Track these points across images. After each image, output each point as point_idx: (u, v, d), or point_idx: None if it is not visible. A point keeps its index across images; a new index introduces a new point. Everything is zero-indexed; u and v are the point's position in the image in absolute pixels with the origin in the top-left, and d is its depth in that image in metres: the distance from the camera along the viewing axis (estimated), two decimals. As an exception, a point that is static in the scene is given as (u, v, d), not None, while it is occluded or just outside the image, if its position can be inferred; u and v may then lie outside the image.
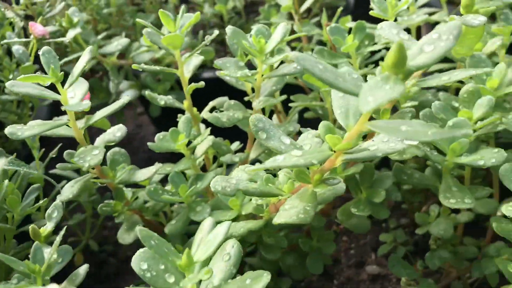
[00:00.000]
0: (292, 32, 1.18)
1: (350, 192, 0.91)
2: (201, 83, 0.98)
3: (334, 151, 0.63)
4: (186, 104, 1.00)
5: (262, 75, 0.93)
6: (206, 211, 0.86)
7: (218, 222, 0.59)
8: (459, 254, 0.97)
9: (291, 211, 0.63)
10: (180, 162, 0.96)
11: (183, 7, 0.98)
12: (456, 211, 0.97)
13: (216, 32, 0.97)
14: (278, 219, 0.62)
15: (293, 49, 1.41)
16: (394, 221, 1.22)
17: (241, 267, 0.88)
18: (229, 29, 0.92)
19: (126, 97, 0.85)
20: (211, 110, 1.05)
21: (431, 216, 0.96)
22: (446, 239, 0.92)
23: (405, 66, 0.52)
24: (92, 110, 0.87)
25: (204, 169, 1.04)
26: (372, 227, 1.31)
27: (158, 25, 1.04)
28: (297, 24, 1.40)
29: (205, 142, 0.96)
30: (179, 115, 1.01)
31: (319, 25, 1.48)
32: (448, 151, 0.83)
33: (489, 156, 0.82)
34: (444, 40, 0.55)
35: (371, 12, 1.08)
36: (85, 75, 1.07)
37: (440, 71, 1.08)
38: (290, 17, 1.51)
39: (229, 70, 0.96)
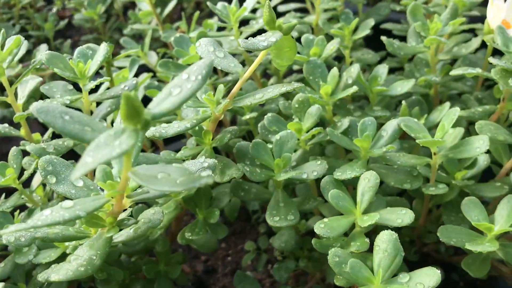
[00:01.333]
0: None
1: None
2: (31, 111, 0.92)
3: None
4: (23, 131, 0.94)
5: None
6: (32, 252, 0.82)
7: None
8: (313, 260, 0.98)
9: (73, 263, 0.59)
10: (11, 197, 0.90)
11: (2, 31, 0.91)
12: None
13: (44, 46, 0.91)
14: (53, 277, 0.58)
15: (161, 55, 1.36)
16: (264, 225, 1.22)
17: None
18: (45, 54, 0.86)
19: None
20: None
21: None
22: (290, 251, 0.91)
23: (141, 116, 0.49)
24: None
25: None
26: (250, 231, 1.31)
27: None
28: (160, 29, 1.35)
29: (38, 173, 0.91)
30: (22, 142, 0.95)
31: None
32: (274, 166, 0.82)
33: (311, 169, 0.81)
34: (192, 81, 0.52)
35: (209, 22, 1.04)
36: None
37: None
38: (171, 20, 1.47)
39: (56, 96, 0.91)
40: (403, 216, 0.73)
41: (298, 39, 1.04)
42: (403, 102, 0.93)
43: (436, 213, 0.98)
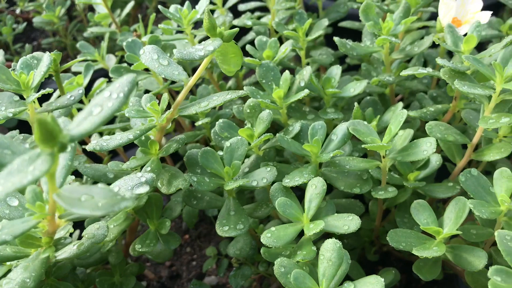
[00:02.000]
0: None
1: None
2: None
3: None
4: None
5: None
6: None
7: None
8: (273, 264, 0.97)
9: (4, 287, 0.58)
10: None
11: None
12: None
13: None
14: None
15: (118, 59, 1.33)
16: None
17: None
18: (-15, 66, 0.84)
19: None
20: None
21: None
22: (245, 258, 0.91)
23: (57, 139, 0.47)
24: None
25: None
26: (216, 234, 1.30)
27: None
28: (118, 32, 1.32)
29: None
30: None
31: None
32: (224, 175, 0.81)
33: (261, 176, 0.80)
34: (114, 99, 0.51)
35: (159, 26, 1.02)
36: None
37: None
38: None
39: (1, 108, 0.88)
40: (350, 222, 0.72)
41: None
42: (356, 103, 0.92)
43: (394, 214, 0.98)
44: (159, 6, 1.03)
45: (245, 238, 0.90)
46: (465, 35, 0.87)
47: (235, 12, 1.30)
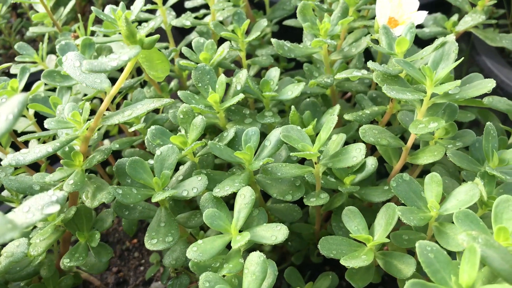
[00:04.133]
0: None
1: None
2: None
3: None
4: None
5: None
6: None
7: None
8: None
9: None
10: None
11: None
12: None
13: None
14: None
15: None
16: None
17: None
18: None
19: None
20: None
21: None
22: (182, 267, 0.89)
23: None
24: None
25: None
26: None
27: None
28: (59, 32, 1.27)
29: None
30: None
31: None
32: (154, 185, 0.79)
33: (192, 186, 0.78)
34: (3, 121, 0.47)
35: (94, 28, 0.99)
36: None
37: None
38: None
39: None
40: (278, 232, 0.71)
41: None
42: (292, 107, 0.91)
43: (334, 217, 0.97)
44: (92, 8, 0.99)
45: (182, 247, 0.88)
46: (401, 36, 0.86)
47: (182, 9, 1.26)
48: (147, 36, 0.73)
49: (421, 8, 0.94)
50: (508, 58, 1.48)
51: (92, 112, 0.81)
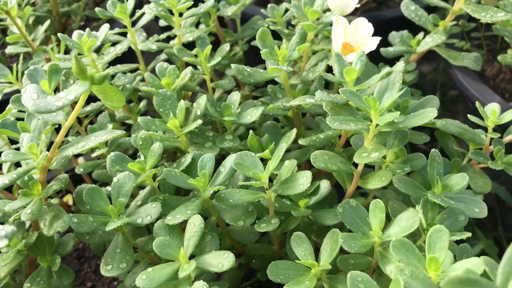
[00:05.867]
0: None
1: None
2: None
3: None
4: None
5: None
6: None
7: None
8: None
9: None
10: None
11: None
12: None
13: None
14: None
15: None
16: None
17: None
18: None
19: None
20: None
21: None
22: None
23: None
24: None
25: None
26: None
27: None
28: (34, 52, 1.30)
29: None
30: None
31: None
32: (110, 212, 0.82)
33: (147, 213, 0.81)
34: None
35: (59, 56, 1.01)
36: None
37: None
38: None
39: None
40: (225, 260, 0.73)
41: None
42: (250, 131, 0.94)
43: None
44: (59, 34, 1.02)
45: (143, 269, 0.91)
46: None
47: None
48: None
49: (396, 22, 0.95)
50: (481, 71, 1.51)
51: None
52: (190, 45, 1.17)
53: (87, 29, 1.04)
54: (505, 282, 0.51)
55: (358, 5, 1.15)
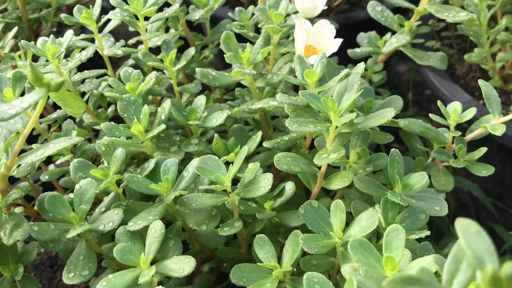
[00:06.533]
0: None
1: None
2: None
3: None
4: None
5: None
6: None
7: None
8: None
9: None
10: None
11: None
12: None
13: None
14: None
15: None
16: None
17: None
18: None
19: None
20: None
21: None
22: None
23: None
24: None
25: None
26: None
27: None
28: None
29: None
30: None
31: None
32: (72, 220, 0.81)
33: (109, 219, 0.81)
34: None
35: (21, 63, 1.01)
36: None
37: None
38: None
39: None
40: (185, 265, 0.73)
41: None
42: (216, 135, 0.94)
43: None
44: (22, 41, 1.01)
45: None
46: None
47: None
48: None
49: (368, 23, 0.96)
50: (451, 69, 1.52)
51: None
52: (159, 50, 1.17)
53: (51, 35, 1.03)
54: (450, 279, 0.51)
55: (326, 7, 1.15)
